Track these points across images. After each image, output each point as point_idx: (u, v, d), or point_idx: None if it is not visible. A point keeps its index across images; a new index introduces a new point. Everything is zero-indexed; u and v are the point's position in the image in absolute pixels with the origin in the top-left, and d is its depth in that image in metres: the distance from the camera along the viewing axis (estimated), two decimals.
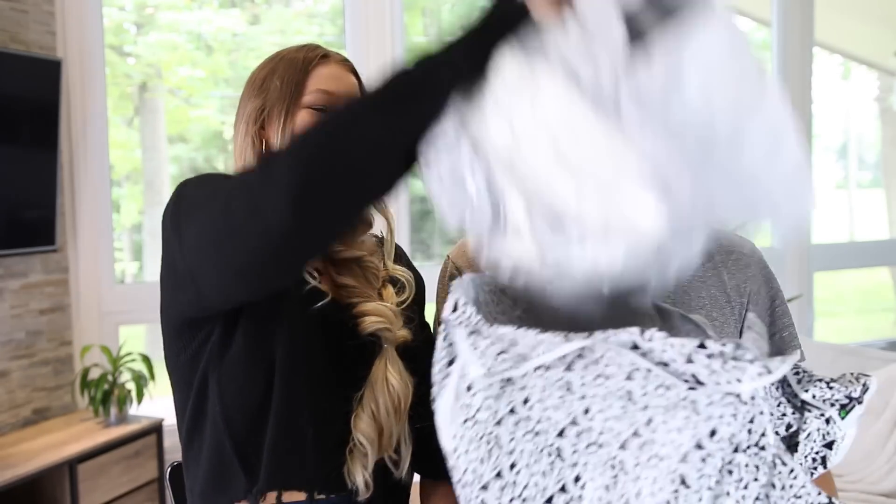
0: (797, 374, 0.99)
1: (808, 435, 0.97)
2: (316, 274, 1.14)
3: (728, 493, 0.88)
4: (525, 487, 0.90)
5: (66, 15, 2.91)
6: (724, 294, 1.25)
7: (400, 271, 1.21)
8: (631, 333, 0.88)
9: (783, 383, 1.00)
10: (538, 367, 0.91)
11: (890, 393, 2.78)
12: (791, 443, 0.97)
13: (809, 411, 0.97)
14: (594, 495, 0.88)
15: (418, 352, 1.15)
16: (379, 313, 1.12)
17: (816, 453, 0.98)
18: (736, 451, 0.88)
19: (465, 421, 0.92)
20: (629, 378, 0.89)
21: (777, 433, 0.98)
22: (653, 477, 0.87)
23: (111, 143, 3.11)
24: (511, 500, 0.90)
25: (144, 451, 2.87)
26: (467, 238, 1.34)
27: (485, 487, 0.92)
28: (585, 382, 0.90)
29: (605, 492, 0.88)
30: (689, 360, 0.86)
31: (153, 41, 4.22)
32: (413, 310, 1.21)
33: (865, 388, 0.97)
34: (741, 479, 0.88)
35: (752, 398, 0.88)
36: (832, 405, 0.97)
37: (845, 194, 6.98)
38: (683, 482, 0.87)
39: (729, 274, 1.27)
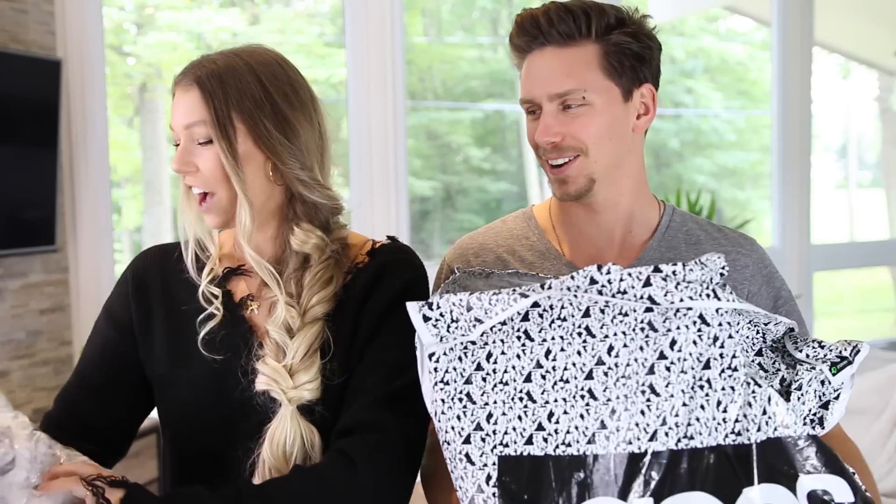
0: (794, 341, 1.05)
1: (800, 387, 1.01)
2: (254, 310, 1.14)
3: (703, 407, 0.95)
4: (505, 433, 0.96)
5: (66, 15, 2.91)
6: None
7: (287, 319, 1.08)
8: (587, 270, 0.98)
9: (783, 352, 1.05)
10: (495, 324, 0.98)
11: (890, 393, 2.77)
12: (785, 398, 1.02)
13: (802, 366, 1.02)
14: (570, 425, 0.95)
15: (327, 405, 1.07)
16: (267, 374, 1.06)
17: (814, 414, 1.02)
18: (707, 367, 0.96)
19: (435, 385, 0.98)
20: (586, 315, 0.98)
21: (772, 385, 1.03)
22: (623, 395, 0.95)
23: (111, 143, 3.12)
24: (493, 448, 0.96)
25: (144, 451, 2.87)
26: (464, 238, 1.33)
27: (467, 441, 0.96)
28: (543, 328, 0.98)
29: (580, 420, 0.95)
30: (647, 284, 0.96)
31: (153, 41, 4.22)
32: (335, 361, 1.08)
33: (857, 350, 1.02)
34: (719, 403, 0.96)
35: (720, 325, 0.97)
36: (824, 362, 1.01)
37: (845, 194, 6.97)
38: (654, 391, 0.95)
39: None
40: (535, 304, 0.97)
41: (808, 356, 1.02)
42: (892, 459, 2.70)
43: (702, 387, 0.96)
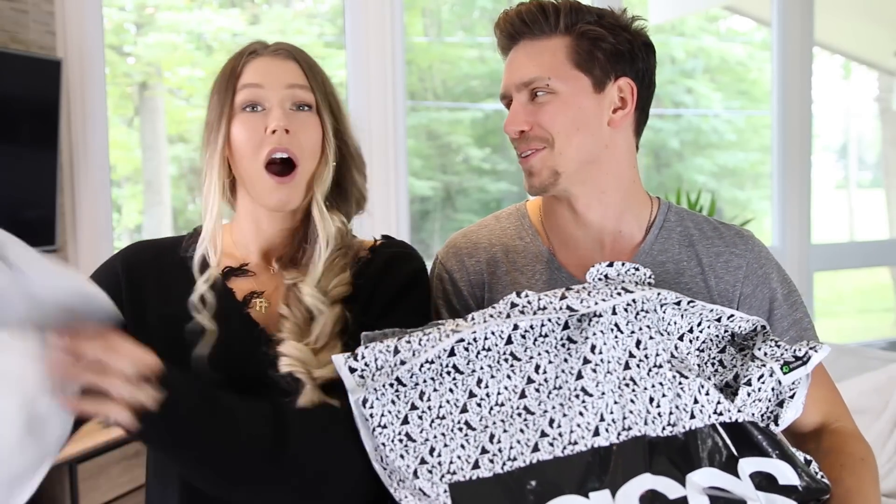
0: (764, 339, 1.09)
1: (749, 382, 1.05)
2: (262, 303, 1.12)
3: (633, 402, 1.01)
4: (451, 463, 0.99)
5: (66, 15, 2.91)
6: (708, 301, 1.19)
7: (309, 300, 1.10)
8: (507, 298, 1.06)
9: (749, 350, 1.09)
10: (423, 364, 1.02)
11: (890, 393, 2.77)
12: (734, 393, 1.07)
13: (754, 362, 1.06)
14: (512, 441, 1.00)
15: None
16: (292, 355, 1.06)
17: (770, 412, 1.06)
18: (627, 368, 1.03)
19: (374, 430, 1.00)
20: (508, 342, 1.03)
21: (724, 380, 1.07)
22: (559, 404, 1.01)
23: (111, 143, 3.11)
24: (442, 477, 0.98)
25: (144, 451, 2.87)
26: (456, 236, 1.32)
27: (415, 475, 0.99)
28: (470, 360, 1.03)
29: (521, 434, 1.00)
30: (563, 297, 1.04)
31: (153, 41, 4.22)
32: (353, 341, 1.09)
33: (813, 351, 1.07)
34: (652, 399, 1.01)
35: (640, 329, 1.03)
36: (777, 361, 1.05)
37: (845, 194, 6.97)
38: (586, 392, 1.01)
39: (716, 278, 1.21)
40: (460, 340, 1.02)
41: (764, 354, 1.06)
42: (892, 459, 2.70)
43: (627, 385, 1.02)
